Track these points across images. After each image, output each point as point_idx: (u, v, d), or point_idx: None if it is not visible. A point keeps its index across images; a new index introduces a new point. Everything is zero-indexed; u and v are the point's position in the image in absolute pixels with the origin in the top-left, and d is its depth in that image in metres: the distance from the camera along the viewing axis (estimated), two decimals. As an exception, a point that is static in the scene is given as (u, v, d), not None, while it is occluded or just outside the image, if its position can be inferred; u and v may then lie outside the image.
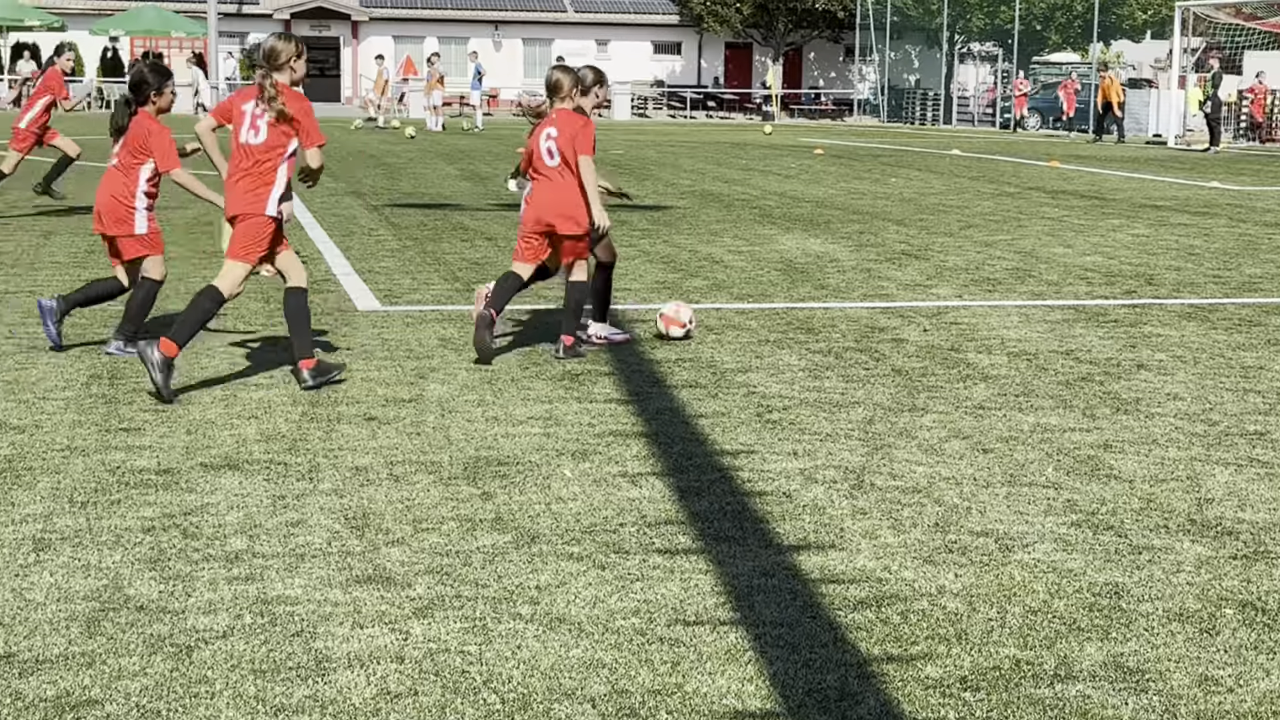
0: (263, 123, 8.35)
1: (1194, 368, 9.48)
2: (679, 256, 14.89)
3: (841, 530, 6.03)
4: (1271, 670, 4.63)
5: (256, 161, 8.36)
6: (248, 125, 8.39)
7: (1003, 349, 10.07)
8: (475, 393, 8.48)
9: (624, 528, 6.02)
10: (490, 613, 5.04)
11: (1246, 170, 30.24)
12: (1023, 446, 7.44)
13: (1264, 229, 18.33)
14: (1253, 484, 6.77)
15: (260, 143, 8.35)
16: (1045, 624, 5.00)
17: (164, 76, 9.23)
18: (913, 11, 63.99)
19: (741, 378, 9.03)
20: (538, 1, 72.25)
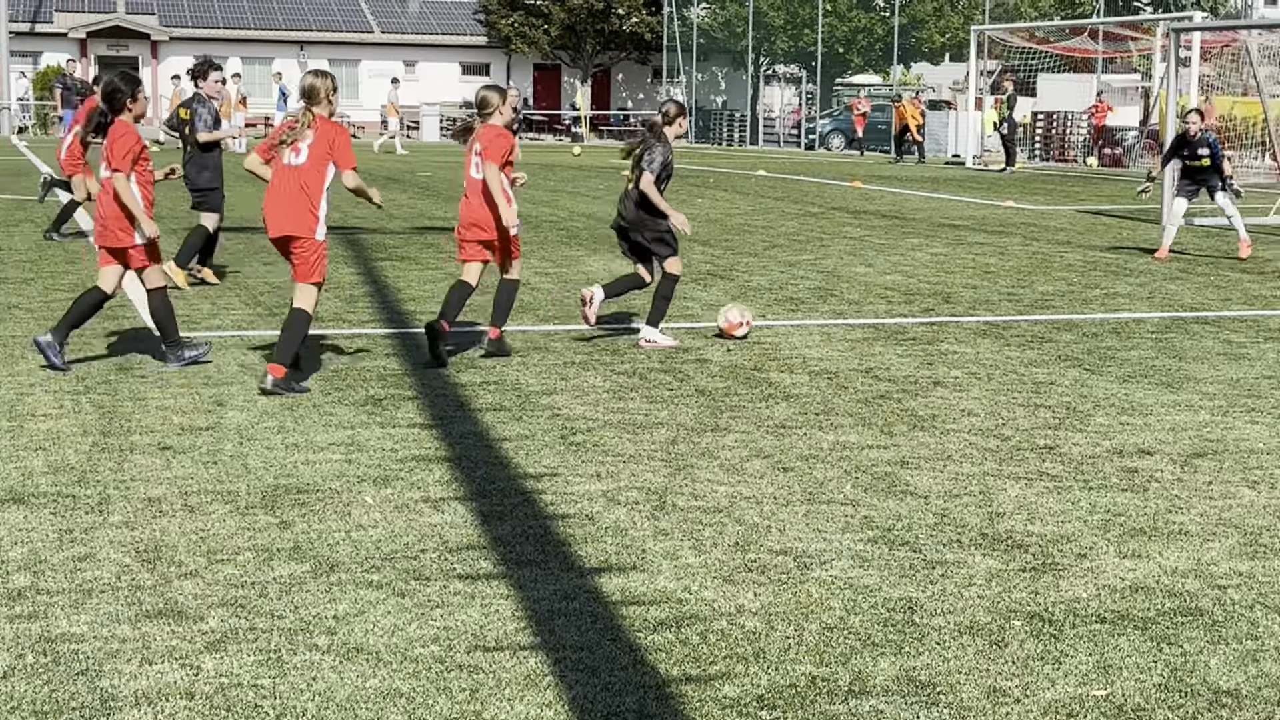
0: (304, 146, 9.20)
1: (988, 384, 9.72)
2: (485, 279, 14.81)
3: (643, 551, 6.05)
4: (1057, 680, 4.75)
5: (300, 185, 9.16)
6: (289, 149, 9.25)
7: (804, 368, 10.21)
8: (275, 419, 8.34)
9: (425, 554, 5.96)
10: (286, 644, 4.95)
11: (1040, 190, 31.15)
12: (822, 464, 7.54)
13: (1056, 247, 18.89)
14: (1042, 497, 6.95)
15: (302, 163, 9.17)
16: (841, 640, 5.07)
17: (136, 84, 9.57)
18: (719, 34, 64.79)
19: (546, 400, 9.02)
20: (343, 21, 71.55)
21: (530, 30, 67.58)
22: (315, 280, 9.26)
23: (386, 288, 14.05)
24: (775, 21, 62.54)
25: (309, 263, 9.24)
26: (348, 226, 20.53)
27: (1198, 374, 10.12)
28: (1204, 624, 5.26)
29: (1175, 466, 7.55)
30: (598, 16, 66.97)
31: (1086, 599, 5.52)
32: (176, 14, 69.41)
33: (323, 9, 72.67)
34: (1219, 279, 15.66)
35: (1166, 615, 5.35)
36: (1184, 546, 6.19)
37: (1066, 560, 5.99)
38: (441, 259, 16.46)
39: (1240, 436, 8.24)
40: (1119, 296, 14.17)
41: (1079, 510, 6.73)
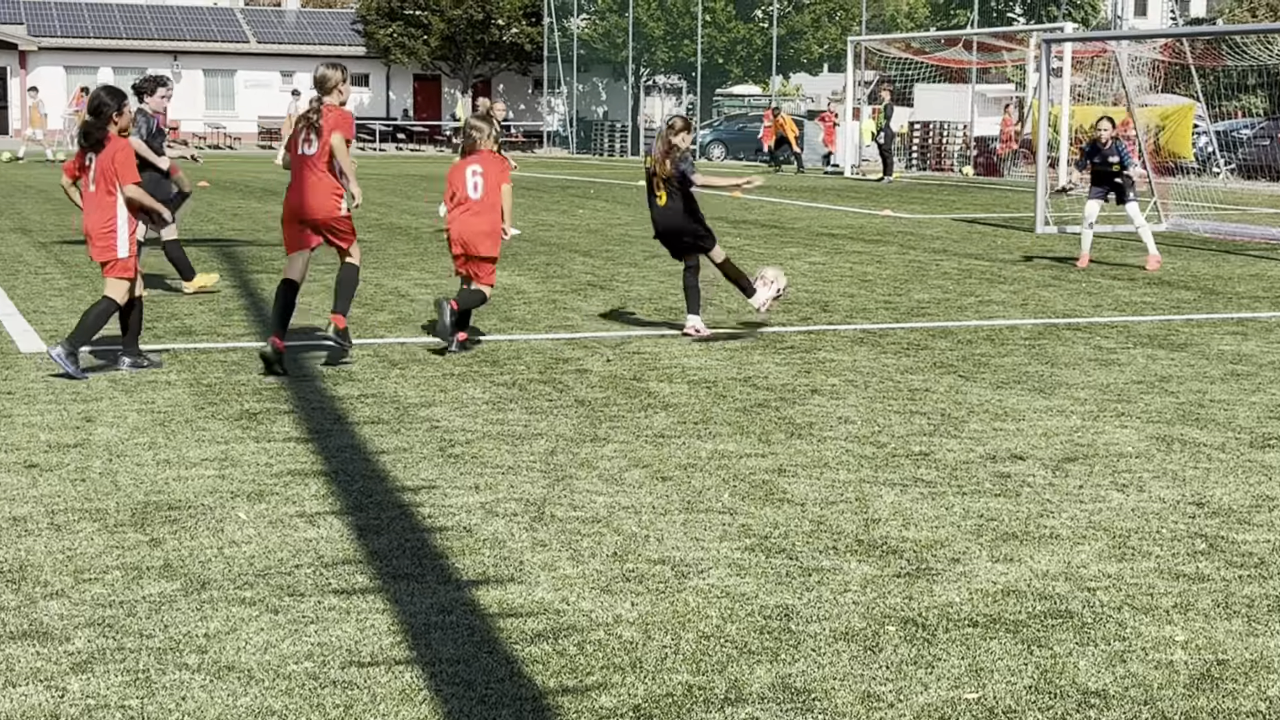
0: (315, 137, 10.31)
1: (864, 391, 9.80)
2: (364, 291, 14.71)
3: (521, 563, 6.03)
4: (930, 684, 4.80)
5: (318, 172, 10.33)
6: (303, 139, 10.37)
7: (683, 377, 10.24)
8: (146, 435, 8.21)
9: (299, 569, 5.89)
10: (155, 664, 4.87)
11: (917, 199, 31.53)
12: (700, 473, 7.56)
13: (932, 255, 19.13)
14: (916, 503, 7.02)
15: (314, 154, 10.29)
16: (718, 649, 5.09)
17: (121, 98, 9.91)
18: (599, 45, 64.88)
19: (425, 412, 8.96)
20: (218, 31, 70.70)
21: (409, 41, 67.21)
22: (354, 241, 10.71)
23: (262, 301, 13.89)
24: (655, 32, 62.77)
25: (346, 232, 10.64)
26: (223, 239, 20.27)
27: (1069, 379, 10.28)
28: (1073, 626, 5.34)
29: (1047, 471, 7.67)
30: (477, 27, 66.77)
31: (959, 603, 5.58)
32: (45, 24, 68.17)
33: (197, 19, 71.77)
34: (1090, 286, 15.95)
35: (1037, 618, 5.43)
36: (1055, 550, 6.28)
37: (940, 565, 6.05)
38: (319, 271, 16.28)
39: (1110, 441, 8.39)
40: (993, 304, 14.38)
41: (953, 515, 6.81)
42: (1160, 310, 14.03)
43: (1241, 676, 4.87)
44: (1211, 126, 38.67)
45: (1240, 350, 11.60)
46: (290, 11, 76.22)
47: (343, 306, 10.51)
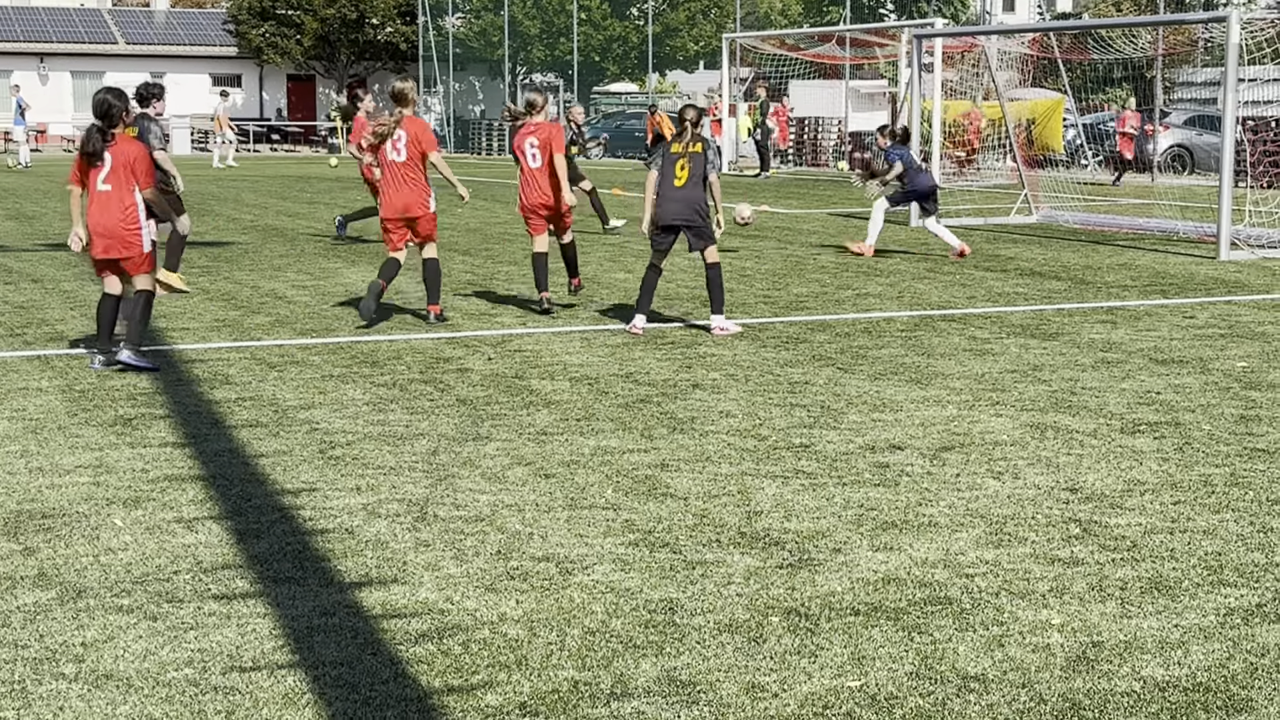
0: (401, 145, 12.24)
1: (745, 385, 9.87)
2: (240, 293, 14.56)
3: (404, 564, 6.00)
4: (813, 673, 4.85)
5: (407, 174, 12.29)
6: (390, 148, 12.25)
7: (565, 374, 10.24)
8: (18, 443, 8.05)
9: (178, 575, 5.82)
10: (30, 674, 4.78)
11: (794, 194, 31.78)
12: (584, 470, 7.57)
13: (809, 250, 19.29)
14: (798, 495, 7.09)
15: (404, 160, 12.23)
16: (603, 644, 5.10)
17: (126, 99, 10.33)
18: (475, 44, 64.61)
19: (304, 414, 8.88)
20: (86, 33, 69.43)
21: (282, 40, 66.47)
22: (436, 236, 12.58)
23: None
24: (531, 30, 62.66)
25: (430, 228, 12.44)
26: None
27: (945, 370, 10.43)
28: (953, 612, 5.42)
29: (925, 460, 7.78)
30: (351, 26, 66.20)
31: (841, 592, 5.64)
32: (-93, 25, 66.55)
33: (64, 20, 70.42)
34: (964, 278, 16.18)
35: (917, 605, 5.50)
36: (933, 538, 6.37)
37: (822, 555, 6.11)
38: (194, 274, 16.08)
39: (985, 429, 8.52)
40: (870, 296, 14.53)
41: (834, 506, 6.88)
42: (1032, 300, 14.28)
43: (1116, 658, 4.98)
44: (1080, 120, 39.42)
45: (1110, 338, 11.84)
46: (159, 12, 75.05)
47: (436, 296, 12.59)
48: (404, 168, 12.26)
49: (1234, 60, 18.58)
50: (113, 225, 10.09)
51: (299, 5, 65.80)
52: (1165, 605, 5.50)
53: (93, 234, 10.14)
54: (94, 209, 10.10)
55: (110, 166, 10.08)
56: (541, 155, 13.03)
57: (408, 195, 12.28)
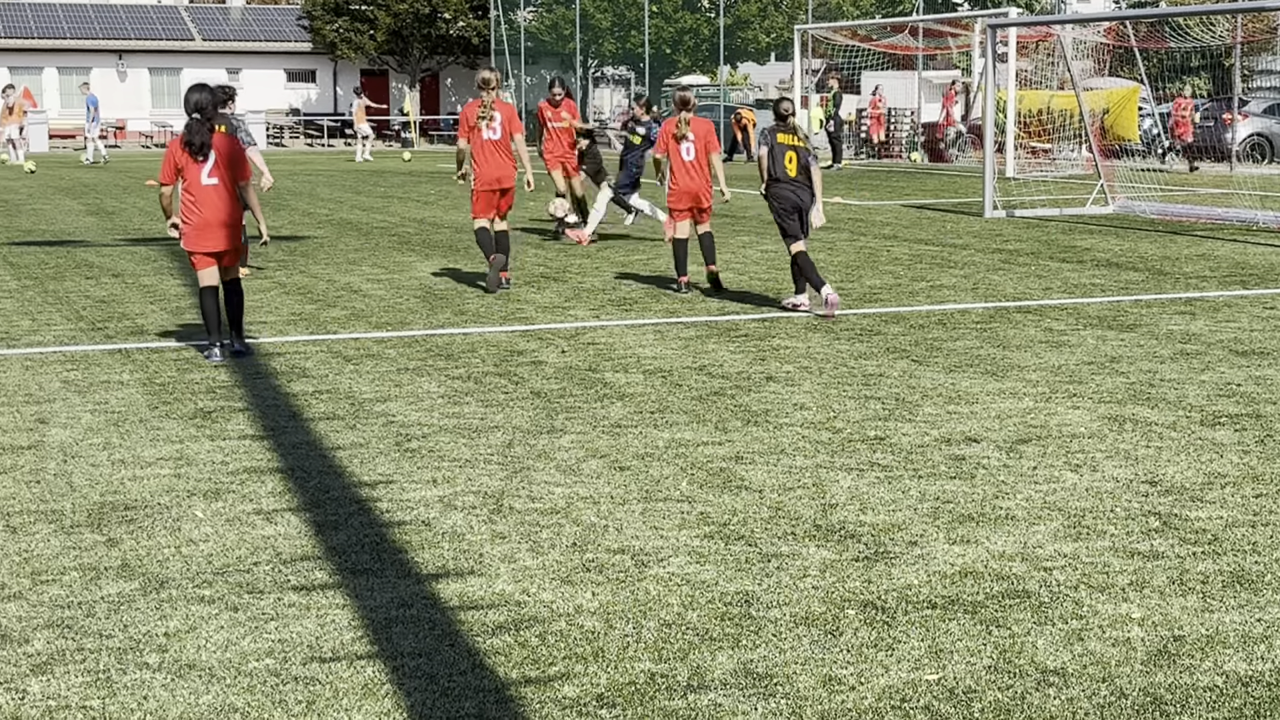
0: (496, 124, 13.99)
1: (819, 378, 9.84)
2: (316, 287, 14.69)
3: (480, 556, 6.03)
4: (890, 667, 4.83)
5: (497, 151, 14.01)
6: (486, 128, 13.97)
7: (639, 367, 10.25)
8: (101, 436, 8.16)
9: (258, 567, 5.88)
10: (115, 664, 4.85)
11: (866, 185, 31.64)
12: (658, 462, 7.58)
13: (882, 242, 19.20)
14: (873, 488, 7.06)
15: (499, 138, 14.00)
16: (679, 636, 5.11)
17: (219, 95, 10.87)
18: (546, 37, 64.76)
19: (380, 407, 8.95)
20: (163, 30, 70.19)
21: (356, 36, 66.90)
22: None
23: (214, 299, 13.80)
24: (602, 24, 62.73)
25: (512, 201, 14.16)
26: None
27: (1021, 362, 10.36)
28: (1031, 605, 5.39)
29: (1001, 453, 7.73)
30: (424, 21, 66.53)
31: (918, 585, 5.62)
32: (-12, 23, 67.50)
33: (142, 17, 71.21)
34: (1040, 269, 16.05)
35: (995, 599, 5.47)
36: (1011, 531, 6.34)
37: (898, 548, 6.09)
38: (271, 267, 16.24)
39: (1062, 422, 8.45)
40: (944, 288, 14.45)
41: (909, 499, 6.85)
42: (1109, 291, 14.15)
43: (1198, 652, 4.93)
44: (1156, 109, 38.98)
45: (1189, 330, 11.71)
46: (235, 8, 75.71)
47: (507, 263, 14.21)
48: (498, 145, 13.98)
49: (1315, 47, 18.29)
50: (224, 217, 10.44)
51: (372, 0, 66.19)
52: (1247, 599, 5.44)
53: (202, 227, 10.37)
54: (201, 202, 10.35)
55: (215, 161, 10.38)
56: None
57: (501, 168, 13.97)
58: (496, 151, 14.00)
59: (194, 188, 10.37)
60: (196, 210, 10.36)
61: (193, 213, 10.37)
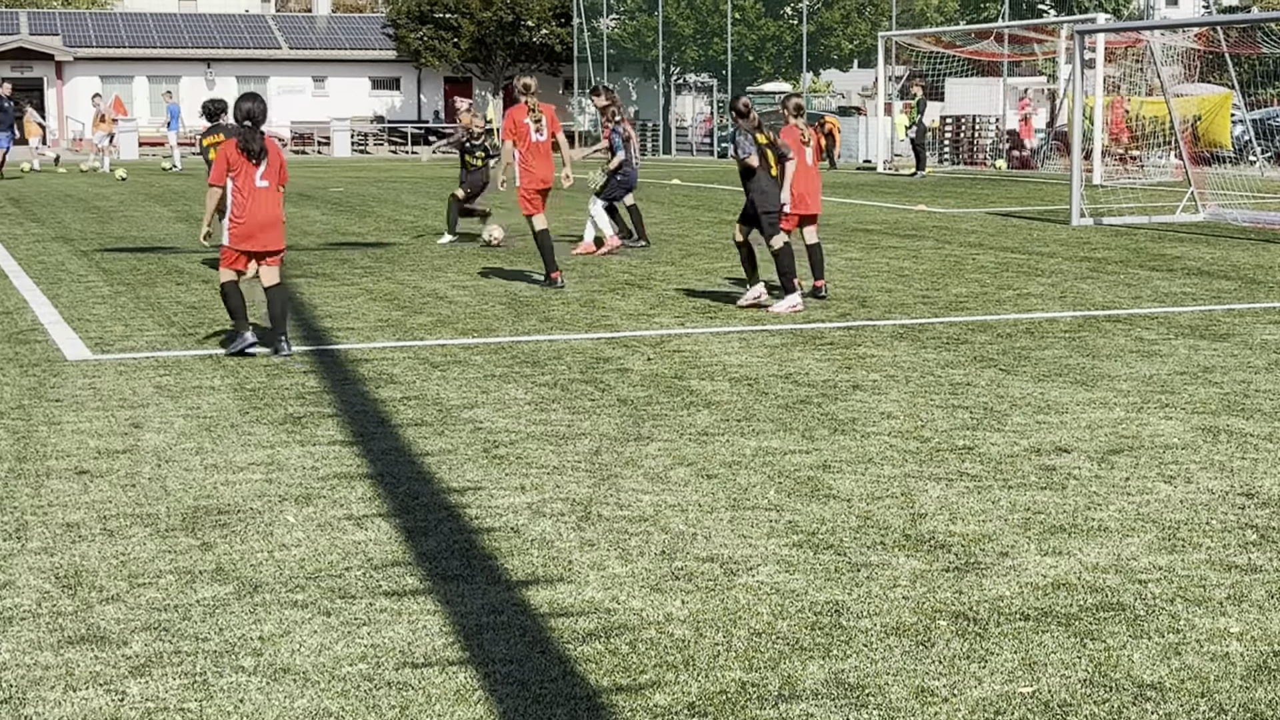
0: (543, 125, 15.09)
1: (906, 386, 9.79)
2: (402, 293, 14.79)
3: (570, 563, 6.05)
4: (983, 678, 4.79)
5: (545, 152, 14.99)
6: (534, 131, 15.00)
7: (725, 375, 10.24)
8: (193, 440, 8.26)
9: (349, 572, 5.93)
10: (211, 667, 4.90)
11: (951, 193, 31.44)
12: (745, 470, 7.57)
13: (968, 249, 19.08)
14: (963, 497, 7.02)
15: (545, 139, 15.05)
16: (769, 645, 5.09)
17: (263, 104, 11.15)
18: (629, 45, 64.87)
19: (468, 414, 8.99)
20: (251, 39, 71.02)
21: (440, 44, 67.36)
22: None
23: (303, 305, 13.95)
24: (685, 31, 62.75)
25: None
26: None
27: (1111, 371, 10.25)
28: (1126, 619, 5.33)
29: (1093, 464, 7.65)
30: (507, 29, 66.88)
31: (1010, 597, 5.57)
32: (80, 34, 68.60)
33: (229, 26, 72.08)
34: (1129, 277, 15.88)
35: (1089, 611, 5.41)
36: (1104, 542, 6.27)
37: (989, 559, 6.05)
38: (357, 274, 16.37)
39: (1155, 432, 8.36)
40: (1031, 296, 14.33)
41: (999, 509, 6.80)
42: (1201, 300, 13.97)
43: (1297, 667, 4.85)
44: (1248, 115, 38.44)
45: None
46: (321, 17, 76.48)
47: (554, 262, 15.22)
48: (545, 145, 14.98)
49: None
50: (276, 218, 10.95)
51: (456, 9, 66.62)
52: (1348, 614, 5.35)
53: (254, 227, 10.81)
54: (253, 205, 10.81)
55: (268, 164, 10.89)
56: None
57: (549, 168, 15.02)
58: (543, 151, 15.00)
59: (247, 189, 10.84)
60: (249, 211, 10.83)
61: (245, 213, 10.83)
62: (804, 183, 14.03)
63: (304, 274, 16.48)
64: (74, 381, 10.01)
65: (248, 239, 10.88)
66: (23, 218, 25.10)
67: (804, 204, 14.09)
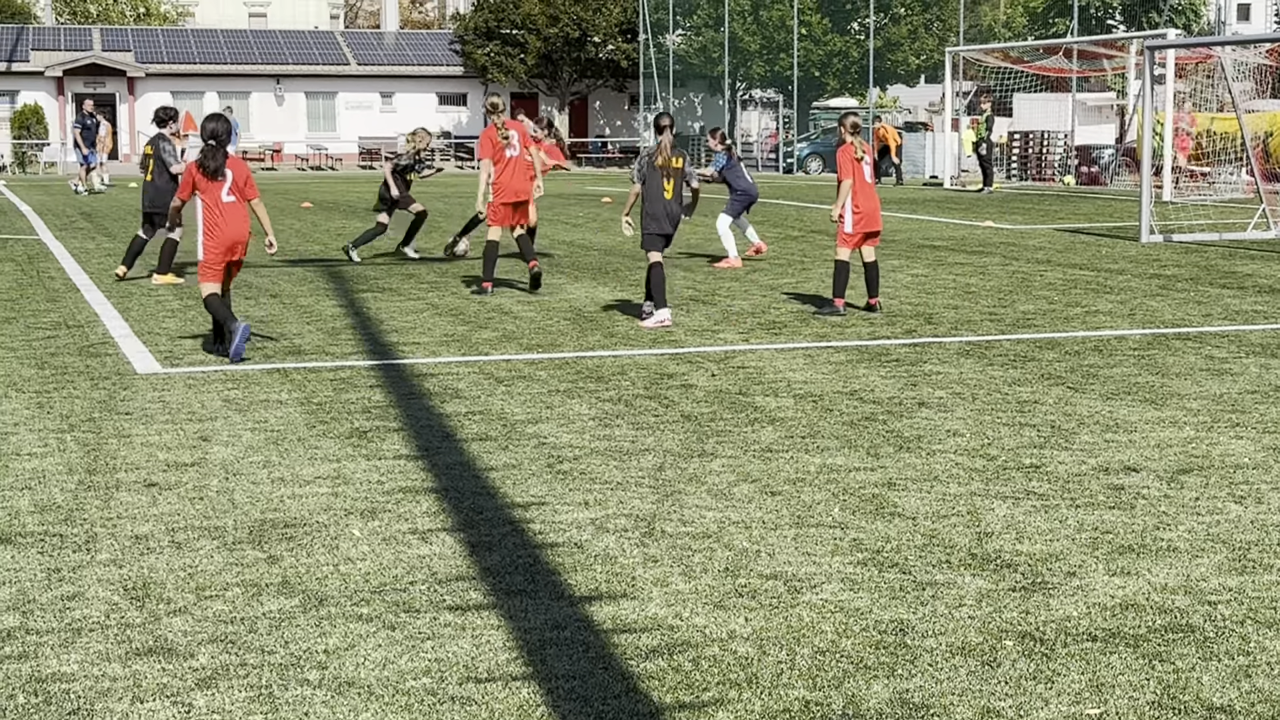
0: (515, 141, 15.77)
1: (972, 404, 9.73)
2: (468, 309, 14.85)
3: (633, 579, 6.04)
4: (1050, 699, 4.75)
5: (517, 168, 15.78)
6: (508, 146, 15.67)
7: (789, 391, 10.22)
8: (260, 454, 8.32)
9: (414, 586, 5.95)
10: (277, 680, 4.93)
11: (1018, 210, 31.25)
12: (810, 487, 7.54)
13: (1035, 266, 18.95)
14: (1029, 516, 6.96)
15: (518, 155, 15.78)
16: (833, 664, 5.07)
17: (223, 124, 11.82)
18: (695, 60, 64.96)
19: (532, 429, 9.02)
20: (320, 54, 71.65)
21: (507, 60, 67.71)
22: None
23: (369, 319, 14.05)
24: (751, 46, 62.77)
25: (530, 212, 15.91)
26: (328, 259, 20.53)
27: (1181, 390, 10.15)
28: (1195, 640, 5.27)
29: (1162, 483, 7.57)
30: (574, 45, 67.15)
31: (1077, 617, 5.52)
32: (152, 51, 69.46)
33: (299, 42, 72.75)
34: (1199, 295, 15.72)
35: (1157, 632, 5.36)
36: (1173, 563, 6.20)
37: (1056, 579, 5.99)
38: (423, 289, 16.46)
39: (1225, 452, 8.26)
40: (1100, 314, 14.22)
41: (1067, 528, 6.74)
42: (1273, 319, 13.81)
43: (1370, 692, 4.78)
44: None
45: (1357, 359, 11.38)
46: (389, 33, 77.04)
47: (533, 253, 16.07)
48: (517, 161, 15.77)
49: None
50: (244, 231, 11.69)
51: (523, 25, 66.95)
52: None
53: (225, 241, 11.56)
54: (224, 219, 11.54)
55: (232, 180, 11.57)
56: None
57: (522, 183, 15.84)
58: (516, 168, 15.83)
59: (217, 206, 11.56)
60: (220, 227, 11.54)
61: (217, 229, 11.54)
62: (864, 200, 14.00)
63: (370, 289, 16.58)
64: (143, 395, 10.12)
65: (228, 250, 11.61)
66: (95, 232, 25.42)
67: (867, 221, 14.06)
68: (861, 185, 13.99)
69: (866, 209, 14.03)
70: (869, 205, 14.06)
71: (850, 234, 14.01)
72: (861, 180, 13.99)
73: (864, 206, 14.00)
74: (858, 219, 13.98)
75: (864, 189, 14.03)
